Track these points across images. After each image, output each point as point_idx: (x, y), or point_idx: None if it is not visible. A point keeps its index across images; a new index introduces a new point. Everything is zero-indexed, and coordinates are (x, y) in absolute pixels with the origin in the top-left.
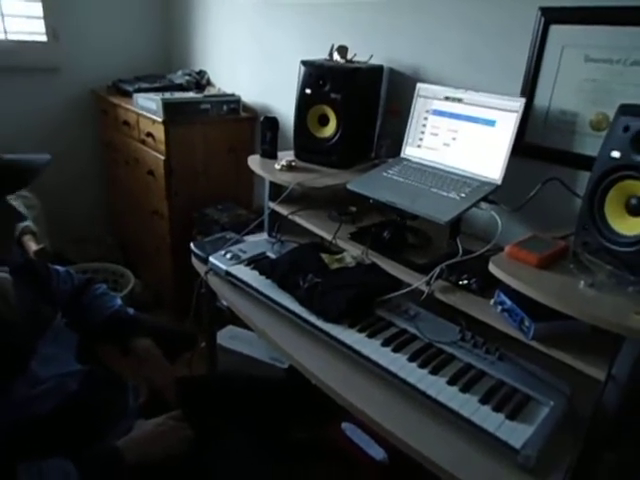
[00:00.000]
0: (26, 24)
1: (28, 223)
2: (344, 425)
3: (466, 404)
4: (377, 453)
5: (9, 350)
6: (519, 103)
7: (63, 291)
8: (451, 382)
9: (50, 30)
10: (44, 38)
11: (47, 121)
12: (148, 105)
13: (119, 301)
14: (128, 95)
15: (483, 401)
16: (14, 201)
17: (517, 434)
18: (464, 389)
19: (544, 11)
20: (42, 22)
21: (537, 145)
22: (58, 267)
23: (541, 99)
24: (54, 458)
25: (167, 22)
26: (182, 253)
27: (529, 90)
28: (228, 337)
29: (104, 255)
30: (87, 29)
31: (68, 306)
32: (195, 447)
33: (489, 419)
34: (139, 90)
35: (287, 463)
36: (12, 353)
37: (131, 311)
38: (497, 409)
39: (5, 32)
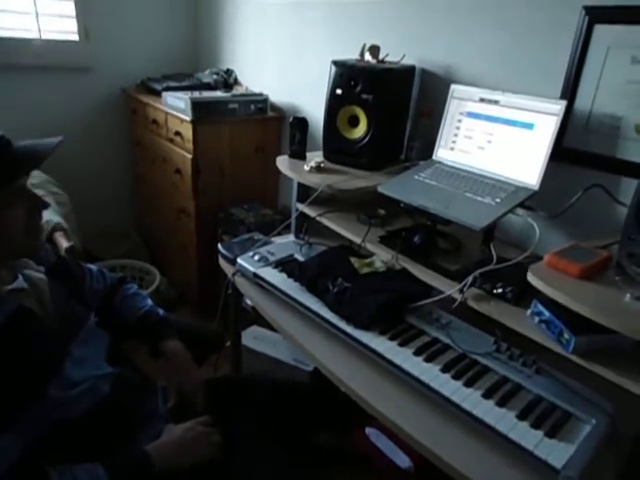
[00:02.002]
0: (59, 23)
1: (59, 220)
2: (368, 430)
3: (503, 419)
4: (402, 461)
5: (45, 352)
6: (560, 106)
7: (96, 291)
8: (486, 395)
9: (82, 29)
10: (76, 37)
11: (78, 120)
12: (177, 104)
13: (150, 301)
14: (157, 94)
15: (521, 417)
16: (47, 197)
17: (557, 453)
18: (500, 403)
19: (588, 10)
20: (74, 21)
21: (577, 150)
22: (91, 266)
23: (583, 102)
24: (85, 463)
25: (195, 21)
26: (208, 252)
27: (570, 92)
28: (252, 337)
29: (130, 252)
30: (117, 28)
31: (100, 306)
32: (222, 452)
33: (527, 436)
34: (168, 89)
35: (312, 468)
36: (48, 355)
37: (161, 312)
38: (535, 426)
39: (39, 31)
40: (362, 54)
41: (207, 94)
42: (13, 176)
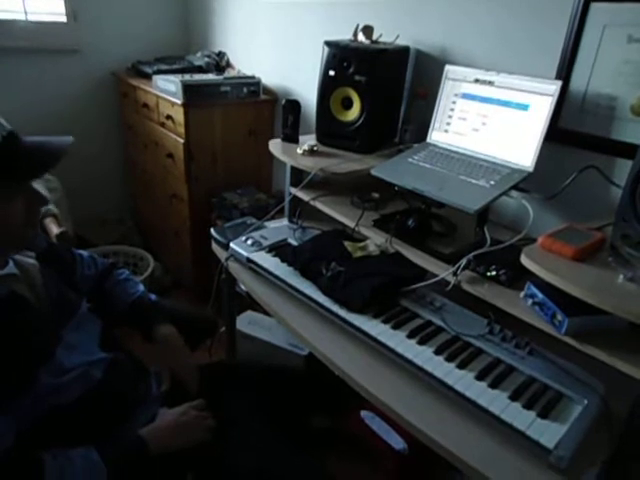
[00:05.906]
0: (46, 4)
1: (50, 206)
2: (363, 413)
3: (495, 401)
4: (397, 443)
5: (37, 339)
6: (555, 86)
7: (87, 276)
8: (479, 377)
9: (70, 11)
10: (64, 19)
11: (68, 103)
12: (168, 87)
13: (141, 287)
14: (147, 77)
15: (513, 398)
16: (37, 184)
17: (549, 433)
18: (493, 385)
19: None
20: (62, 3)
21: (572, 131)
22: (82, 252)
23: (578, 82)
24: (79, 447)
25: (186, 3)
26: (201, 237)
27: (565, 73)
28: (247, 322)
29: (123, 238)
30: (106, 10)
31: (92, 292)
32: (215, 436)
33: (520, 417)
34: (158, 72)
35: (306, 451)
36: (39, 342)
37: (153, 297)
38: (528, 406)
39: (25, 13)
40: (355, 34)
41: (199, 77)
42: (19, 178)
